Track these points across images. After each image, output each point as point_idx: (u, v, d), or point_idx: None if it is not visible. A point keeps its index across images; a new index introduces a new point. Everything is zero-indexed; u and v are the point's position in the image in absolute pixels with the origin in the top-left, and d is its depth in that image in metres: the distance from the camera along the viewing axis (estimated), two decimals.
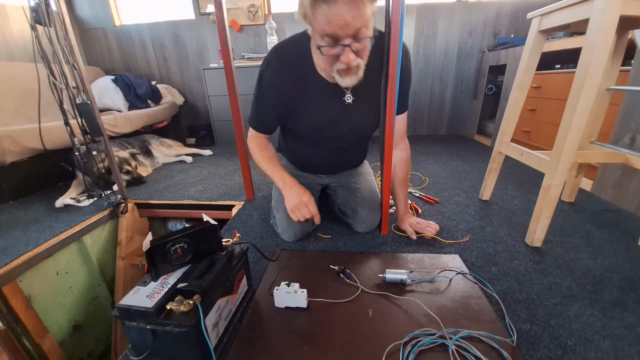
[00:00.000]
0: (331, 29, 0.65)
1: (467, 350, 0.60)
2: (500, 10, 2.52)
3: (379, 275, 0.84)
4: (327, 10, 0.62)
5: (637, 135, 1.19)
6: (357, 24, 0.65)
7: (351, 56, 0.70)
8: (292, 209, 0.91)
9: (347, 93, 0.88)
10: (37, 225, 1.34)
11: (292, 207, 0.91)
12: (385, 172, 1.00)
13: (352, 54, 0.70)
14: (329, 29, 0.65)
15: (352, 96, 0.88)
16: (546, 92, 1.86)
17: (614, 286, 0.81)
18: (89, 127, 1.29)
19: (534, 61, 1.09)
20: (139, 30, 2.85)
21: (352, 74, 0.76)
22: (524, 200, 1.36)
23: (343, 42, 0.68)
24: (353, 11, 0.62)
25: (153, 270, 0.60)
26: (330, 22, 0.63)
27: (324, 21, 0.64)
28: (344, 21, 0.63)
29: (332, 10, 0.62)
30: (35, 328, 1.12)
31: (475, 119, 2.69)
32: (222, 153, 2.49)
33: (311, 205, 0.92)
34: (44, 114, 1.45)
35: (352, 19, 0.63)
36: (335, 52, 0.70)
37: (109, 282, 1.50)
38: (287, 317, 0.72)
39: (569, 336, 0.66)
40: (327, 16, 0.63)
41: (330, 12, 0.62)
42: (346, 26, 0.64)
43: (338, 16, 0.62)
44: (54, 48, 1.18)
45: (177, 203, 1.53)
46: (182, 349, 0.57)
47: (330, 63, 0.74)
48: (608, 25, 0.76)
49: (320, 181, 1.17)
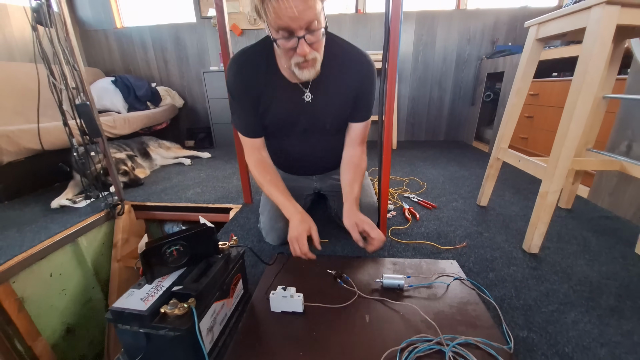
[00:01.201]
0: (282, 22, 0.68)
1: (465, 357, 0.60)
2: (498, 18, 2.55)
3: (376, 280, 0.84)
4: (275, 4, 0.64)
5: (633, 143, 1.19)
6: (307, 16, 0.67)
7: (306, 48, 0.73)
8: (290, 239, 0.87)
9: (306, 92, 0.91)
10: (32, 226, 1.33)
11: (289, 238, 0.87)
12: (383, 176, 1.01)
13: (306, 46, 0.72)
14: (280, 22, 0.68)
15: (311, 94, 0.91)
16: (543, 99, 1.88)
17: (611, 293, 0.81)
18: (88, 128, 1.29)
19: (531, 69, 1.10)
20: (140, 33, 2.87)
21: (309, 67, 0.78)
22: (522, 207, 1.36)
23: (297, 34, 0.70)
24: (301, 4, 0.65)
25: (148, 273, 0.59)
26: (280, 15, 0.66)
27: (275, 14, 0.66)
28: (293, 13, 0.65)
29: (280, 3, 0.64)
30: (28, 330, 1.11)
31: (473, 126, 2.71)
32: (220, 156, 2.49)
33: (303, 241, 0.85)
34: (43, 115, 1.45)
35: (301, 12, 0.66)
36: (291, 45, 0.73)
37: (103, 284, 1.48)
38: (283, 322, 0.72)
39: (567, 343, 0.66)
40: (276, 9, 0.65)
41: (279, 6, 0.64)
42: (296, 18, 0.67)
43: (287, 8, 0.65)
44: (55, 49, 1.19)
45: (174, 205, 1.52)
46: (176, 353, 0.56)
47: (288, 57, 0.77)
48: (604, 35, 0.77)
49: (312, 184, 1.17)
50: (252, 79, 0.89)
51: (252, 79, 0.89)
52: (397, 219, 1.27)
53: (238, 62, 0.89)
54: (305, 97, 0.92)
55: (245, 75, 0.88)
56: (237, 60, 0.89)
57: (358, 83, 0.91)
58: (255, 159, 0.99)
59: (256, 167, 0.98)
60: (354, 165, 1.00)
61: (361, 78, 0.91)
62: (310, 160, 1.10)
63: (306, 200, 1.18)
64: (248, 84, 0.89)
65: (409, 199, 1.48)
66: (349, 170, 0.99)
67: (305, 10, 0.66)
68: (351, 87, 0.91)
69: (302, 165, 1.12)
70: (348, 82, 0.90)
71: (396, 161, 2.19)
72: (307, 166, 1.13)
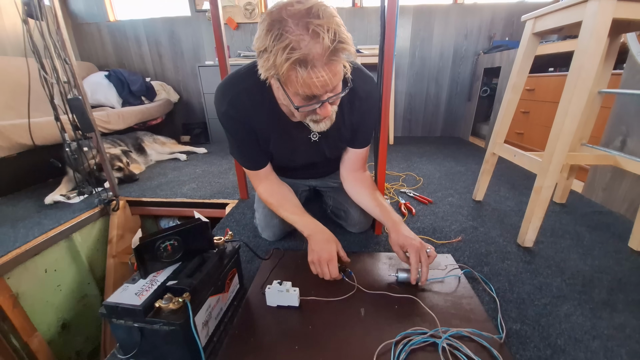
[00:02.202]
0: (311, 92, 0.62)
1: (458, 349, 0.60)
2: (495, 13, 2.54)
3: (390, 274, 0.84)
4: (306, 76, 0.58)
5: (627, 138, 1.20)
6: (335, 81, 0.63)
7: (329, 109, 0.68)
8: (312, 260, 0.82)
9: (312, 131, 0.85)
10: (26, 222, 1.31)
11: (312, 259, 0.82)
12: (379, 171, 1.00)
13: (329, 107, 0.68)
14: (308, 92, 0.62)
15: (319, 134, 0.86)
16: (539, 94, 1.88)
17: (603, 287, 0.82)
18: (80, 123, 1.27)
19: (527, 64, 1.10)
20: (134, 26, 2.82)
21: (326, 120, 0.74)
22: (516, 202, 1.37)
23: (322, 98, 0.65)
24: (333, 72, 0.60)
25: (142, 268, 0.59)
26: (310, 85, 0.60)
27: (303, 85, 0.61)
28: (324, 82, 0.60)
29: (311, 75, 0.58)
30: (23, 326, 1.10)
31: (470, 121, 2.71)
32: (216, 151, 2.48)
33: (335, 263, 0.80)
34: (35, 110, 1.43)
35: (331, 79, 0.61)
36: (312, 108, 0.67)
37: (98, 280, 1.48)
38: (279, 316, 0.72)
39: (559, 336, 0.67)
40: (307, 80, 0.59)
41: (310, 77, 0.59)
42: (327, 86, 0.62)
43: (318, 79, 0.59)
44: (46, 42, 1.16)
45: (169, 201, 1.51)
46: (171, 348, 0.56)
47: (305, 115, 0.72)
48: (600, 28, 0.77)
49: (308, 183, 1.16)
50: (248, 113, 0.80)
51: (249, 113, 0.80)
52: None
53: (231, 91, 0.79)
54: (311, 136, 0.87)
55: (240, 109, 0.79)
56: (230, 89, 0.79)
57: (361, 117, 0.87)
58: (263, 189, 0.95)
59: (266, 193, 0.94)
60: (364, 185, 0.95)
61: (365, 111, 0.86)
62: (307, 172, 1.08)
63: (301, 196, 1.17)
64: (244, 118, 0.81)
65: (405, 194, 1.48)
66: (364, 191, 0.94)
67: (335, 76, 0.62)
68: (355, 121, 0.87)
69: (298, 174, 1.10)
70: (351, 118, 0.86)
71: (393, 157, 2.20)
72: (304, 176, 1.12)
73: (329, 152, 0.94)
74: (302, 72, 0.58)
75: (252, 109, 0.79)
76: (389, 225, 0.86)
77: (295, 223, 0.89)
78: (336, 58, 0.59)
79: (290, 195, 0.95)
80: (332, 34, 0.56)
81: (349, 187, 0.98)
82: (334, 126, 0.84)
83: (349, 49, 0.59)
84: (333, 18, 0.57)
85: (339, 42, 0.57)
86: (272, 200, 0.93)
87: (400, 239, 0.80)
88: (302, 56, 0.56)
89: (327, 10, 0.57)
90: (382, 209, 0.90)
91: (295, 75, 0.59)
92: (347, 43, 0.59)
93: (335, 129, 0.84)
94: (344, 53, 0.60)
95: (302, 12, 0.56)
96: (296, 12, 0.56)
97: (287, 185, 0.98)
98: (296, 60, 0.56)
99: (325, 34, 0.55)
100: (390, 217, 0.87)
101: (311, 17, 0.55)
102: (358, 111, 0.85)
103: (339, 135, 0.89)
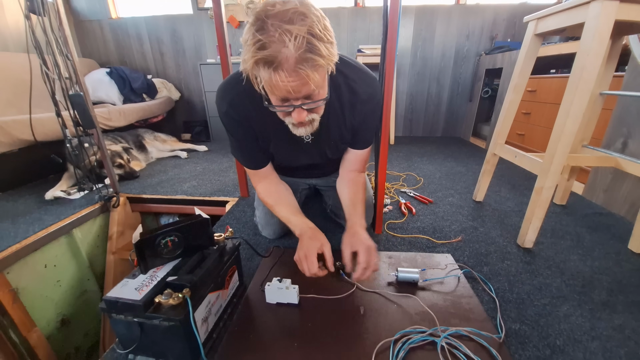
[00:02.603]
0: (279, 93, 0.61)
1: (457, 348, 0.60)
2: (497, 14, 2.54)
3: (390, 273, 0.84)
4: (271, 77, 0.57)
5: (629, 140, 1.20)
6: (305, 90, 0.60)
7: (303, 115, 0.66)
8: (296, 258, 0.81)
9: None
10: (26, 217, 1.32)
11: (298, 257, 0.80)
12: (380, 171, 1.01)
13: (304, 113, 0.66)
14: (276, 92, 0.61)
15: (312, 136, 0.85)
16: (541, 96, 1.88)
17: (603, 288, 0.82)
18: (82, 119, 1.27)
19: (529, 64, 1.10)
20: (136, 24, 2.82)
21: (306, 126, 0.72)
22: (517, 202, 1.37)
23: (293, 103, 0.64)
24: (299, 80, 0.57)
25: (142, 264, 0.59)
26: (272, 87, 0.59)
27: (269, 85, 0.60)
28: (288, 88, 0.58)
29: (276, 77, 0.56)
30: (23, 321, 1.10)
31: (471, 122, 2.71)
32: (217, 149, 2.48)
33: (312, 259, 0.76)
34: (36, 106, 1.43)
35: (299, 87, 0.59)
36: (286, 109, 0.66)
37: (98, 276, 1.48)
38: (279, 313, 0.72)
39: (558, 336, 0.67)
40: (272, 82, 0.58)
41: (275, 79, 0.57)
42: (294, 92, 0.60)
43: (283, 83, 0.57)
44: (48, 38, 1.16)
45: (170, 198, 1.51)
46: (170, 343, 0.56)
47: (283, 116, 0.71)
48: (603, 30, 0.77)
49: (309, 182, 1.16)
50: (249, 114, 0.80)
51: (250, 114, 0.79)
52: (393, 214, 1.27)
53: (232, 92, 0.78)
54: (304, 137, 0.86)
55: (241, 111, 0.79)
56: (231, 90, 0.79)
57: (362, 119, 0.84)
58: (262, 189, 0.95)
59: (264, 192, 0.94)
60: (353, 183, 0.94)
61: (367, 113, 0.84)
62: (308, 172, 1.07)
63: (301, 195, 1.17)
64: (245, 119, 0.81)
65: (406, 193, 1.48)
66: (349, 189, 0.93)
67: (302, 85, 0.59)
68: (355, 123, 0.85)
69: (300, 173, 1.09)
70: (352, 119, 0.84)
71: (393, 156, 2.20)
72: (302, 174, 1.11)
73: (331, 153, 0.93)
74: (265, 72, 0.57)
75: (252, 110, 0.79)
76: (349, 225, 0.84)
77: (289, 223, 0.88)
78: (303, 67, 0.56)
79: (287, 195, 0.95)
80: (299, 41, 0.53)
81: (339, 183, 0.97)
82: (334, 127, 0.83)
83: (318, 61, 0.56)
84: (306, 27, 0.54)
85: (306, 51, 0.54)
86: (269, 199, 0.93)
87: (353, 240, 0.78)
88: (269, 57, 0.55)
89: (306, 16, 0.55)
90: (354, 208, 0.88)
91: (261, 74, 0.58)
92: (316, 54, 0.55)
93: (335, 129, 0.84)
94: (313, 65, 0.56)
95: (279, 14, 0.55)
96: (275, 13, 0.55)
97: (285, 185, 0.98)
98: (260, 59, 0.56)
99: (292, 41, 0.53)
100: (356, 218, 0.85)
101: (284, 21, 0.54)
102: (359, 113, 0.83)
103: (340, 137, 0.88)
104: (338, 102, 0.80)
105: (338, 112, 0.81)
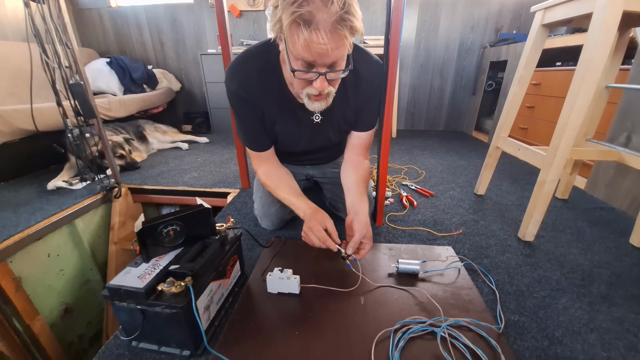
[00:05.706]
0: (310, 56, 0.62)
1: (456, 338, 0.61)
2: (503, 5, 2.50)
3: (391, 265, 0.84)
4: (307, 36, 0.58)
5: (632, 135, 1.19)
6: (336, 55, 0.62)
7: (325, 84, 0.68)
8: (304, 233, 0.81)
9: (315, 112, 0.85)
10: (28, 207, 1.32)
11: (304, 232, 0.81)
12: (381, 164, 1.00)
13: (326, 82, 0.67)
14: (307, 55, 0.62)
15: (321, 115, 0.87)
16: (545, 89, 1.86)
17: (602, 281, 0.83)
18: (82, 109, 1.26)
19: (535, 56, 1.08)
20: (135, 13, 2.78)
21: (321, 100, 0.73)
22: (518, 196, 1.36)
23: (319, 69, 0.65)
24: (335, 42, 0.59)
25: (144, 252, 0.59)
26: (309, 48, 0.60)
27: (303, 46, 0.60)
28: (325, 50, 0.59)
29: (313, 37, 0.58)
30: (26, 309, 1.11)
31: (474, 115, 2.69)
32: (218, 141, 2.47)
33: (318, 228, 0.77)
34: (36, 96, 1.42)
35: (333, 50, 0.60)
36: (309, 77, 0.67)
37: (100, 266, 1.49)
38: (280, 303, 0.73)
39: (557, 328, 0.68)
40: (307, 42, 0.59)
41: (311, 39, 0.58)
42: (326, 55, 0.61)
43: (319, 44, 0.58)
44: (47, 26, 1.15)
45: (171, 189, 1.52)
46: (173, 330, 0.57)
47: (302, 86, 0.71)
48: (610, 21, 0.76)
49: (304, 171, 1.15)
50: (257, 92, 0.81)
51: (258, 91, 0.80)
52: (394, 206, 1.27)
53: (242, 71, 0.79)
54: (314, 117, 0.87)
55: (250, 87, 0.80)
56: (241, 69, 0.79)
57: (365, 100, 0.86)
58: (263, 172, 0.94)
59: (265, 175, 0.94)
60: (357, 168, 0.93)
61: (370, 94, 0.86)
62: (305, 158, 1.08)
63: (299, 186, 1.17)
64: (253, 99, 0.82)
65: (407, 186, 1.48)
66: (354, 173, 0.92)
67: (337, 48, 0.61)
68: (359, 104, 0.87)
69: (296, 159, 1.09)
70: (356, 100, 0.86)
71: (395, 149, 2.19)
72: (301, 160, 1.11)
73: (333, 136, 0.94)
74: (305, 31, 0.58)
75: (261, 89, 0.80)
76: (351, 207, 0.84)
77: (292, 205, 0.89)
78: (341, 28, 0.58)
79: (288, 178, 0.95)
80: (342, 3, 0.56)
81: (344, 167, 0.97)
82: (339, 108, 0.84)
83: (356, 24, 0.59)
84: None
85: (347, 12, 0.57)
86: (270, 182, 0.93)
87: (355, 221, 0.79)
88: (308, 14, 0.56)
89: None
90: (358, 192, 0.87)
91: (297, 33, 0.59)
92: (355, 17, 0.58)
93: (339, 111, 0.85)
94: (350, 27, 0.59)
95: None
96: None
97: (286, 169, 0.98)
98: (300, 16, 0.57)
99: (335, 2, 0.55)
100: (359, 201, 0.85)
101: None
102: (364, 93, 0.85)
103: (343, 118, 0.89)
104: (342, 83, 0.80)
105: (342, 93, 0.82)
